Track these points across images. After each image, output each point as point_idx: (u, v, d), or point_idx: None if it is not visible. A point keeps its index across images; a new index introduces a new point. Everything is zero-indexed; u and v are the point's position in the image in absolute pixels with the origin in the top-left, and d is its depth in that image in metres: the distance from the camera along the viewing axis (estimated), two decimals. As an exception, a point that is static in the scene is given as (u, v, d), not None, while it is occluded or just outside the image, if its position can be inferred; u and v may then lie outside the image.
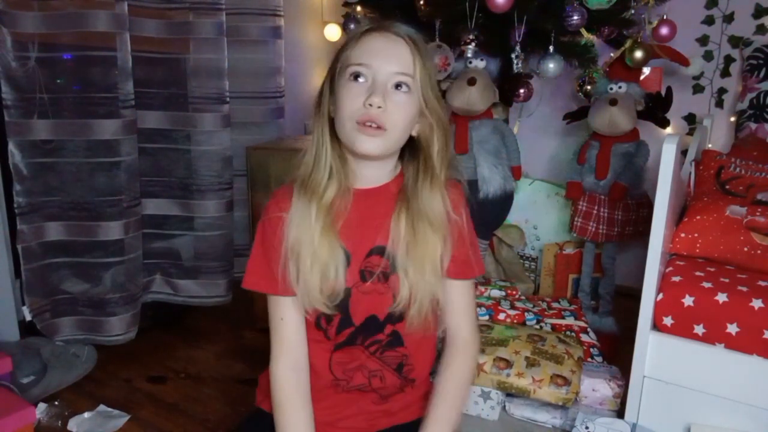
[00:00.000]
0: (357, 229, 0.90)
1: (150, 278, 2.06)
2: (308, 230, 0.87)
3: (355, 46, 0.87)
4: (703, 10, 2.06)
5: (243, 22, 2.18)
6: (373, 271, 0.90)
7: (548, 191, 2.22)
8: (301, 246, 0.87)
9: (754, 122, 1.93)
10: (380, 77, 0.85)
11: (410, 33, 0.88)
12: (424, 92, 0.88)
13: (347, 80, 0.86)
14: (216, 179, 2.03)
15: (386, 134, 0.85)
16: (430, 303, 0.90)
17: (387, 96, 0.84)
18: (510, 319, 1.72)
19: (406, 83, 0.86)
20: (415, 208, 0.89)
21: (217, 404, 1.62)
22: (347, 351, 0.95)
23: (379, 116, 0.84)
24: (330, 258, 0.87)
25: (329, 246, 0.87)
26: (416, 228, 0.89)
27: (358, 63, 0.86)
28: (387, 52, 0.86)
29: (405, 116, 0.87)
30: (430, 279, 0.89)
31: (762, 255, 1.32)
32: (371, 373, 0.96)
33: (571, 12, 1.66)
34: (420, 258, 0.89)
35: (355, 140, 0.85)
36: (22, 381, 1.58)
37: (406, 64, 0.86)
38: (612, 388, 1.45)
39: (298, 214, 0.88)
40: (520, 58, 1.78)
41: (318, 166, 0.89)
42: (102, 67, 1.73)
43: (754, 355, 1.18)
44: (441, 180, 0.91)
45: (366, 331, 0.94)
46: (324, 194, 0.88)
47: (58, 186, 1.76)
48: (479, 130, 1.88)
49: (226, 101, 2.01)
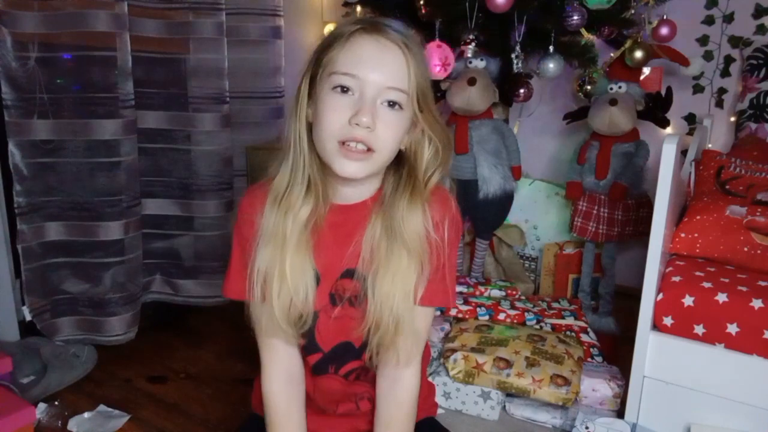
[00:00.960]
0: (330, 248, 0.82)
1: (150, 278, 2.06)
2: (279, 249, 0.79)
3: (342, 48, 0.76)
4: (703, 10, 2.06)
5: (243, 22, 2.18)
6: (344, 296, 0.83)
7: (548, 191, 2.22)
8: (271, 265, 0.79)
9: (754, 122, 1.92)
10: (370, 92, 0.74)
11: (405, 37, 0.77)
12: (418, 102, 0.78)
13: (331, 90, 0.75)
14: (216, 179, 2.03)
15: (373, 157, 0.76)
16: (394, 334, 0.80)
17: (376, 114, 0.74)
18: (510, 319, 1.72)
19: (400, 102, 0.76)
20: (390, 226, 0.80)
21: (217, 404, 1.62)
22: (324, 379, 0.89)
23: (367, 137, 0.74)
24: (300, 280, 0.79)
25: (300, 267, 0.80)
26: (390, 250, 0.79)
27: (345, 72, 0.74)
28: (380, 62, 0.75)
29: (395, 136, 0.77)
30: (400, 308, 0.79)
31: (762, 255, 1.32)
32: (358, 397, 0.91)
33: (571, 12, 1.66)
34: (390, 284, 0.79)
35: (335, 162, 0.76)
36: (22, 381, 1.58)
37: (401, 77, 0.75)
38: (612, 388, 1.45)
39: (271, 230, 0.80)
40: (520, 58, 1.78)
41: (295, 179, 0.80)
42: (102, 67, 1.73)
43: (754, 355, 1.18)
44: (424, 194, 0.80)
45: (339, 359, 0.87)
46: (299, 211, 0.79)
47: (58, 186, 1.76)
48: (479, 130, 1.88)
49: (226, 101, 2.01)
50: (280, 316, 0.80)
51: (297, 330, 0.82)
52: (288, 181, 0.80)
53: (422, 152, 0.81)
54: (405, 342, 0.82)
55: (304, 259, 0.80)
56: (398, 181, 0.82)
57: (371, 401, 0.91)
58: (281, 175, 0.81)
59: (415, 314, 0.82)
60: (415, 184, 0.80)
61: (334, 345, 0.87)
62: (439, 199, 0.83)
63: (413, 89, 0.76)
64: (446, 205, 0.83)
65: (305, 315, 0.81)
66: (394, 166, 0.83)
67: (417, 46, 0.78)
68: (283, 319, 0.80)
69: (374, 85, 0.74)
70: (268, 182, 0.83)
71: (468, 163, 1.88)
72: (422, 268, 0.81)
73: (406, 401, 0.87)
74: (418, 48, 0.78)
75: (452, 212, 0.84)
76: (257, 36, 2.23)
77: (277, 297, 0.79)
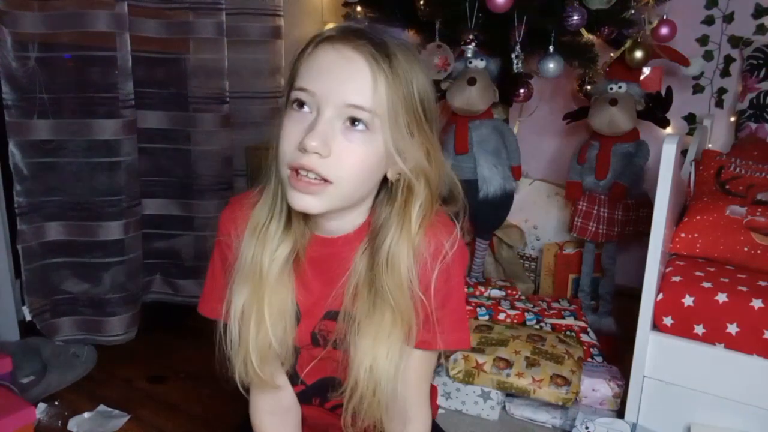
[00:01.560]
0: (311, 284, 0.75)
1: (150, 278, 2.07)
2: (257, 288, 0.72)
3: (306, 60, 0.66)
4: (703, 10, 2.06)
5: (243, 22, 2.18)
6: (328, 338, 0.76)
7: (548, 191, 2.21)
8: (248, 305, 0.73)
9: (754, 122, 1.92)
10: (327, 111, 0.63)
11: (378, 50, 0.64)
12: (391, 125, 0.65)
13: (290, 108, 0.66)
14: (216, 179, 2.03)
15: (330, 189, 0.64)
16: (371, 400, 0.71)
17: (333, 137, 0.63)
18: (510, 319, 1.72)
19: (363, 120, 0.64)
20: (375, 270, 0.70)
21: (217, 404, 1.62)
22: (309, 409, 0.85)
23: (318, 166, 0.63)
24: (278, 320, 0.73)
25: (279, 307, 0.73)
26: (372, 302, 0.70)
27: (302, 87, 0.65)
28: (338, 75, 0.64)
29: (360, 163, 0.65)
30: (380, 372, 0.70)
31: (762, 255, 1.32)
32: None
33: (571, 12, 1.66)
34: (371, 345, 0.70)
35: (288, 193, 0.66)
36: (22, 381, 1.58)
37: (364, 93, 0.63)
38: (612, 388, 1.45)
39: (249, 266, 0.72)
40: (520, 58, 1.77)
41: (274, 209, 0.71)
42: (102, 67, 1.73)
43: (754, 355, 1.18)
44: (414, 239, 0.70)
45: (322, 394, 0.83)
46: (278, 249, 0.72)
47: (58, 186, 1.76)
48: (479, 130, 1.88)
49: (226, 101, 2.01)
50: (257, 360, 0.73)
51: (274, 371, 0.76)
52: (268, 212, 0.72)
53: (416, 188, 0.69)
54: (390, 408, 0.73)
55: (285, 297, 0.73)
56: (388, 218, 0.70)
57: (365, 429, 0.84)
58: (262, 203, 0.73)
59: (409, 363, 0.74)
60: (404, 225, 0.69)
61: (316, 380, 0.82)
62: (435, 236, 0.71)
63: (382, 108, 0.64)
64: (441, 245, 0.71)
65: (283, 354, 0.75)
66: (389, 196, 0.72)
67: (396, 62, 0.65)
68: (258, 363, 0.74)
69: (331, 103, 0.63)
70: (253, 195, 0.75)
71: (468, 163, 1.88)
72: (409, 330, 0.71)
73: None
74: (397, 64, 0.65)
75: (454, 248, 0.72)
76: (257, 36, 2.23)
77: (254, 339, 0.73)
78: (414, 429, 0.79)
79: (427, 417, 0.81)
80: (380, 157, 0.67)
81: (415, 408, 0.78)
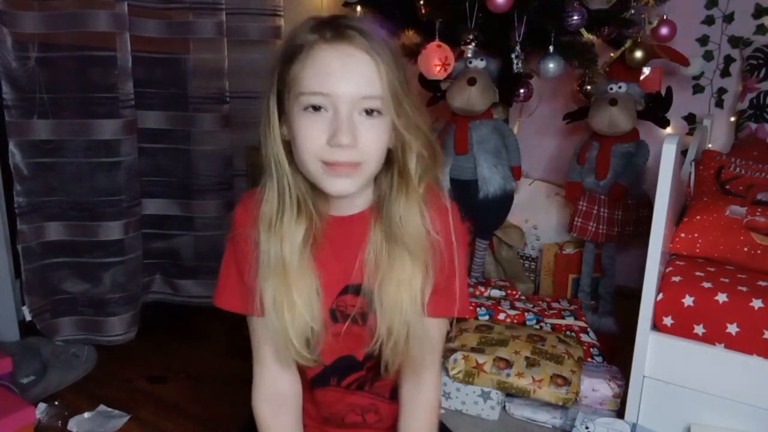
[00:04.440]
0: (330, 262, 0.80)
1: (150, 278, 2.07)
2: (284, 279, 0.77)
3: (304, 65, 0.71)
4: (703, 10, 2.06)
5: (243, 22, 2.18)
6: (347, 312, 0.81)
7: (548, 191, 2.22)
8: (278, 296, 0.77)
9: (754, 122, 1.92)
10: (344, 107, 0.70)
11: (368, 37, 0.71)
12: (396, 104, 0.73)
13: (303, 111, 0.71)
14: (216, 179, 2.03)
15: (361, 169, 0.73)
16: (406, 341, 0.78)
17: (355, 128, 0.70)
18: (510, 319, 1.72)
19: (377, 109, 0.72)
20: (389, 230, 0.77)
21: (217, 404, 1.62)
22: (325, 391, 0.88)
23: (351, 155, 0.71)
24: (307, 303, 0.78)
25: (307, 290, 0.78)
26: (392, 255, 0.77)
27: (314, 92, 0.70)
28: (348, 74, 0.70)
29: (380, 142, 0.74)
30: (409, 313, 0.77)
31: (762, 255, 1.32)
32: (364, 410, 0.89)
33: (571, 12, 1.66)
34: (396, 292, 0.77)
35: (323, 182, 0.73)
36: (22, 381, 1.58)
37: (373, 83, 0.71)
38: (612, 388, 1.45)
39: (272, 262, 0.77)
40: (520, 58, 1.77)
41: (284, 202, 0.76)
42: (102, 67, 1.73)
43: (754, 355, 1.18)
44: (419, 193, 0.77)
45: (340, 372, 0.86)
46: (295, 235, 0.76)
47: (58, 186, 1.76)
48: (479, 130, 1.88)
49: (226, 101, 2.01)
50: (299, 344, 0.78)
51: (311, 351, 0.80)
52: (277, 206, 0.77)
53: (410, 149, 0.77)
54: (419, 349, 0.80)
55: (310, 282, 0.78)
56: (391, 183, 0.78)
57: (377, 413, 0.90)
58: (269, 200, 0.77)
59: (425, 324, 0.80)
60: (408, 183, 0.77)
61: (335, 359, 0.85)
62: (436, 202, 0.80)
63: (387, 92, 0.72)
64: (444, 208, 0.80)
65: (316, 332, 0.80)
66: (385, 168, 0.79)
67: (382, 45, 0.72)
68: (302, 345, 0.78)
69: (346, 99, 0.70)
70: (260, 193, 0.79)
71: (468, 163, 1.88)
72: (427, 270, 0.78)
73: (428, 408, 0.86)
74: (384, 46, 0.72)
75: (453, 214, 0.81)
76: (257, 36, 2.23)
77: (292, 326, 0.77)
78: (426, 391, 0.85)
79: (438, 384, 0.88)
80: (390, 134, 0.75)
81: (428, 373, 0.84)
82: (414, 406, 0.86)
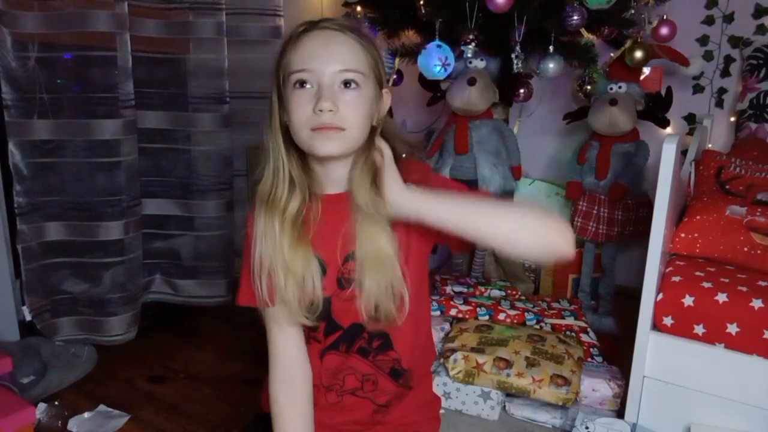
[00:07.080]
0: (330, 237, 0.87)
1: (150, 278, 2.07)
2: (275, 246, 0.85)
3: (293, 50, 0.84)
4: (703, 10, 2.06)
5: (243, 22, 2.18)
6: (351, 278, 0.87)
7: (548, 191, 2.21)
8: (272, 262, 0.85)
9: (754, 122, 1.92)
10: (325, 79, 0.81)
11: (351, 29, 0.84)
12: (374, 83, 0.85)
13: (293, 89, 0.83)
14: (216, 179, 2.03)
15: (344, 134, 0.82)
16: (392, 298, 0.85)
17: (336, 97, 0.81)
18: (510, 319, 1.72)
19: (354, 80, 0.82)
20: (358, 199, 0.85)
21: (217, 404, 1.62)
22: (335, 355, 0.94)
23: (333, 120, 0.81)
24: (305, 270, 0.85)
25: (303, 258, 0.85)
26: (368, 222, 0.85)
27: (300, 69, 0.82)
28: (327, 50, 0.82)
29: (360, 113, 0.83)
30: (386, 273, 0.84)
31: (762, 255, 1.32)
32: (364, 377, 0.94)
33: (571, 12, 1.66)
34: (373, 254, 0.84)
35: (312, 145, 0.82)
36: (22, 381, 1.58)
37: (350, 58, 0.82)
38: (612, 388, 1.45)
39: (262, 230, 0.85)
40: (520, 58, 1.77)
41: (278, 179, 0.86)
42: (102, 67, 1.73)
43: (754, 355, 1.18)
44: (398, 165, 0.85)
45: (351, 337, 0.92)
46: (287, 208, 0.85)
47: (58, 186, 1.76)
48: (479, 130, 1.88)
49: (226, 101, 2.01)
50: (294, 304, 0.85)
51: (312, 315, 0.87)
52: (272, 183, 0.86)
53: (381, 107, 0.87)
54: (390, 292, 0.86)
55: (305, 250, 0.86)
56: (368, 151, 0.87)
57: (375, 384, 0.94)
58: (265, 179, 0.87)
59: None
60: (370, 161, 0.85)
61: (349, 324, 0.91)
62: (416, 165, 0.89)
63: (368, 68, 0.83)
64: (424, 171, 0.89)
65: (316, 302, 0.87)
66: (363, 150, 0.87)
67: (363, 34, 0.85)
68: (296, 308, 0.85)
69: (327, 73, 0.81)
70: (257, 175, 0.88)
71: (468, 164, 1.88)
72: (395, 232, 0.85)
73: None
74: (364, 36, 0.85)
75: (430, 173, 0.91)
76: (257, 36, 2.23)
77: (284, 289, 0.84)
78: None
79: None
80: (372, 104, 0.85)
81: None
82: None
